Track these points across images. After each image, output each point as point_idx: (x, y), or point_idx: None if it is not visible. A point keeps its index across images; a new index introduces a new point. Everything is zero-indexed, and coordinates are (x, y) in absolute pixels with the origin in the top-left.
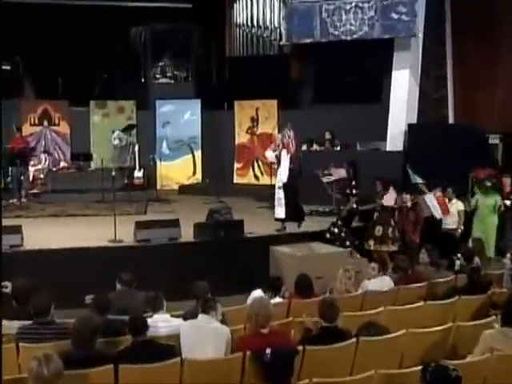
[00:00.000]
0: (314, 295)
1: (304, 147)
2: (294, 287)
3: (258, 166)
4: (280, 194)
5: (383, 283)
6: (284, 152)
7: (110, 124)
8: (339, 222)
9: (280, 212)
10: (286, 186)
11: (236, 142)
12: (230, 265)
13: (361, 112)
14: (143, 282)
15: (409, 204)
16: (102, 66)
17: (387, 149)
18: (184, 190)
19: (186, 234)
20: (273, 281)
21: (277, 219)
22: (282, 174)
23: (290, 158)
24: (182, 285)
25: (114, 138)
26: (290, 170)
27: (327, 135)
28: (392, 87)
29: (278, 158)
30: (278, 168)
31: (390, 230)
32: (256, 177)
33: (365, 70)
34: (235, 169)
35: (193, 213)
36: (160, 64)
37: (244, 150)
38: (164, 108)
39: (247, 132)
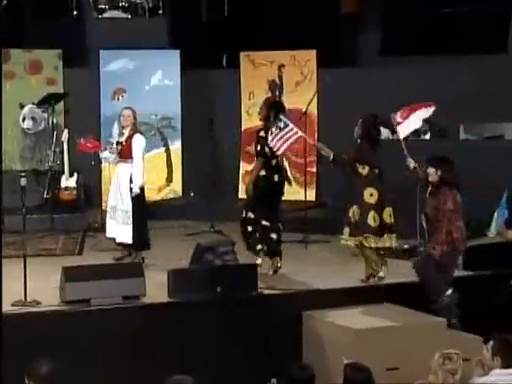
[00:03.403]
0: None
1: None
2: None
3: (283, 168)
4: (128, 206)
5: None
6: (137, 139)
7: (15, 92)
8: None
9: (126, 233)
10: (138, 195)
11: (243, 127)
12: (233, 345)
13: (468, 71)
14: (75, 377)
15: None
16: None
17: None
18: (152, 210)
19: (155, 289)
20: (296, 371)
21: (119, 244)
22: (137, 176)
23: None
24: (146, 382)
25: (25, 118)
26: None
27: None
28: None
29: (123, 149)
30: (118, 163)
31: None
32: None
33: None
34: (242, 174)
35: (167, 251)
36: None
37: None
38: (115, 64)
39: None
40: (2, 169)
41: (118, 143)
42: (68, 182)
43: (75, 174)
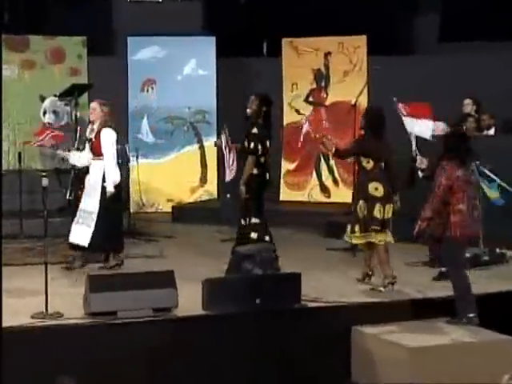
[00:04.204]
0: None
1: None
2: None
3: (329, 167)
4: (94, 207)
5: None
6: (106, 133)
7: (35, 83)
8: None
9: (82, 233)
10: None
11: (285, 121)
12: (274, 362)
13: None
14: None
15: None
16: None
17: None
18: (184, 213)
19: (189, 301)
20: None
21: (72, 246)
22: (111, 174)
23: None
24: None
25: (46, 112)
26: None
27: (468, 106)
28: None
29: (94, 145)
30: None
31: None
32: (324, 189)
33: None
34: (283, 173)
35: (201, 259)
36: None
37: (301, 136)
38: (144, 52)
39: (308, 100)
40: (21, 168)
41: (89, 140)
42: None
43: None
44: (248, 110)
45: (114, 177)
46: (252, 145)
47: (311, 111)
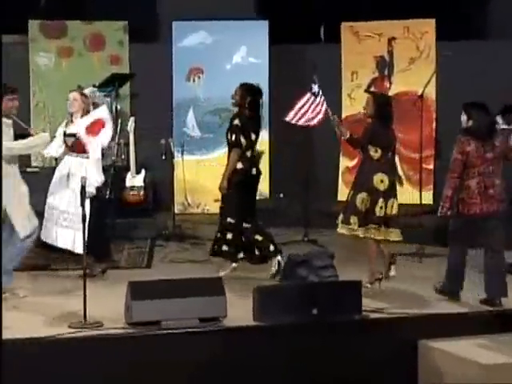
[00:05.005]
0: None
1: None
2: None
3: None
4: (79, 208)
5: None
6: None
7: (73, 72)
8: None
9: (66, 237)
10: (96, 196)
11: (344, 114)
12: (332, 378)
13: None
14: None
15: None
16: None
17: None
18: None
19: (238, 310)
20: None
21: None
22: (96, 174)
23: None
24: None
25: None
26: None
27: None
28: None
29: (78, 141)
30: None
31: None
32: None
33: None
34: (341, 171)
35: (251, 265)
36: None
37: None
38: (190, 38)
39: (369, 91)
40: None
41: (68, 135)
42: (134, 180)
43: (142, 171)
44: (232, 101)
45: (97, 177)
46: (233, 137)
47: None
